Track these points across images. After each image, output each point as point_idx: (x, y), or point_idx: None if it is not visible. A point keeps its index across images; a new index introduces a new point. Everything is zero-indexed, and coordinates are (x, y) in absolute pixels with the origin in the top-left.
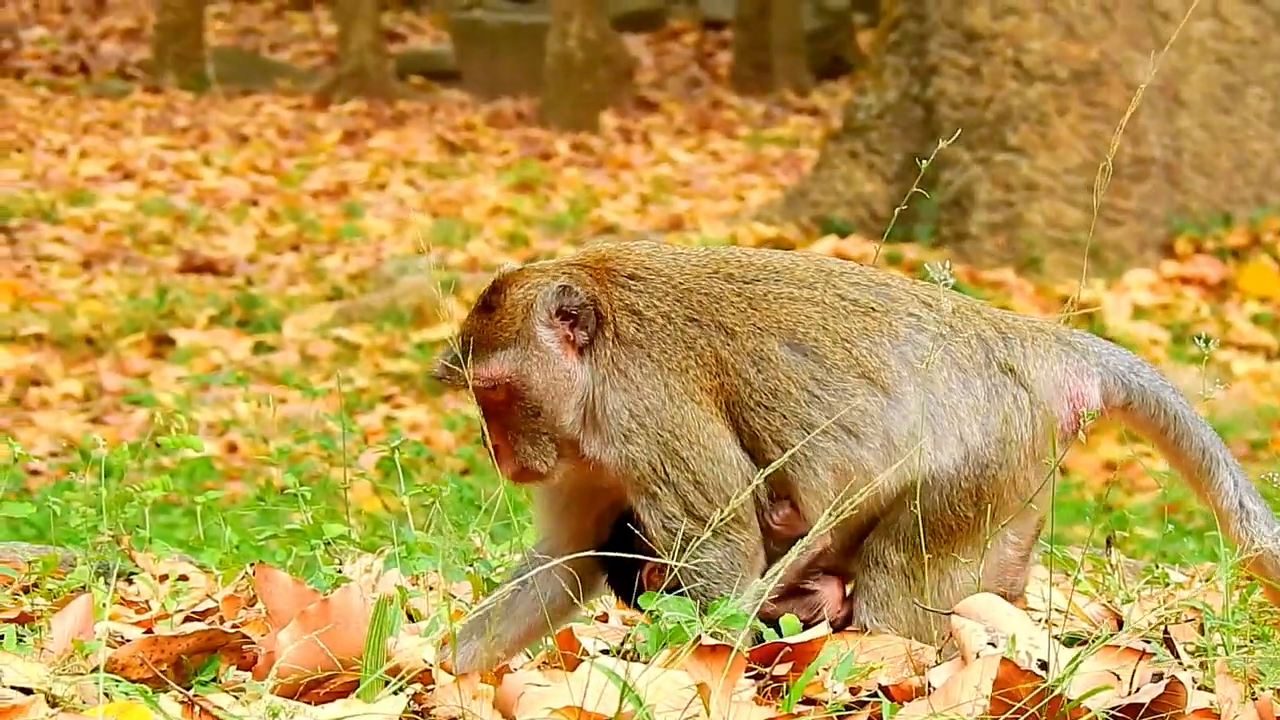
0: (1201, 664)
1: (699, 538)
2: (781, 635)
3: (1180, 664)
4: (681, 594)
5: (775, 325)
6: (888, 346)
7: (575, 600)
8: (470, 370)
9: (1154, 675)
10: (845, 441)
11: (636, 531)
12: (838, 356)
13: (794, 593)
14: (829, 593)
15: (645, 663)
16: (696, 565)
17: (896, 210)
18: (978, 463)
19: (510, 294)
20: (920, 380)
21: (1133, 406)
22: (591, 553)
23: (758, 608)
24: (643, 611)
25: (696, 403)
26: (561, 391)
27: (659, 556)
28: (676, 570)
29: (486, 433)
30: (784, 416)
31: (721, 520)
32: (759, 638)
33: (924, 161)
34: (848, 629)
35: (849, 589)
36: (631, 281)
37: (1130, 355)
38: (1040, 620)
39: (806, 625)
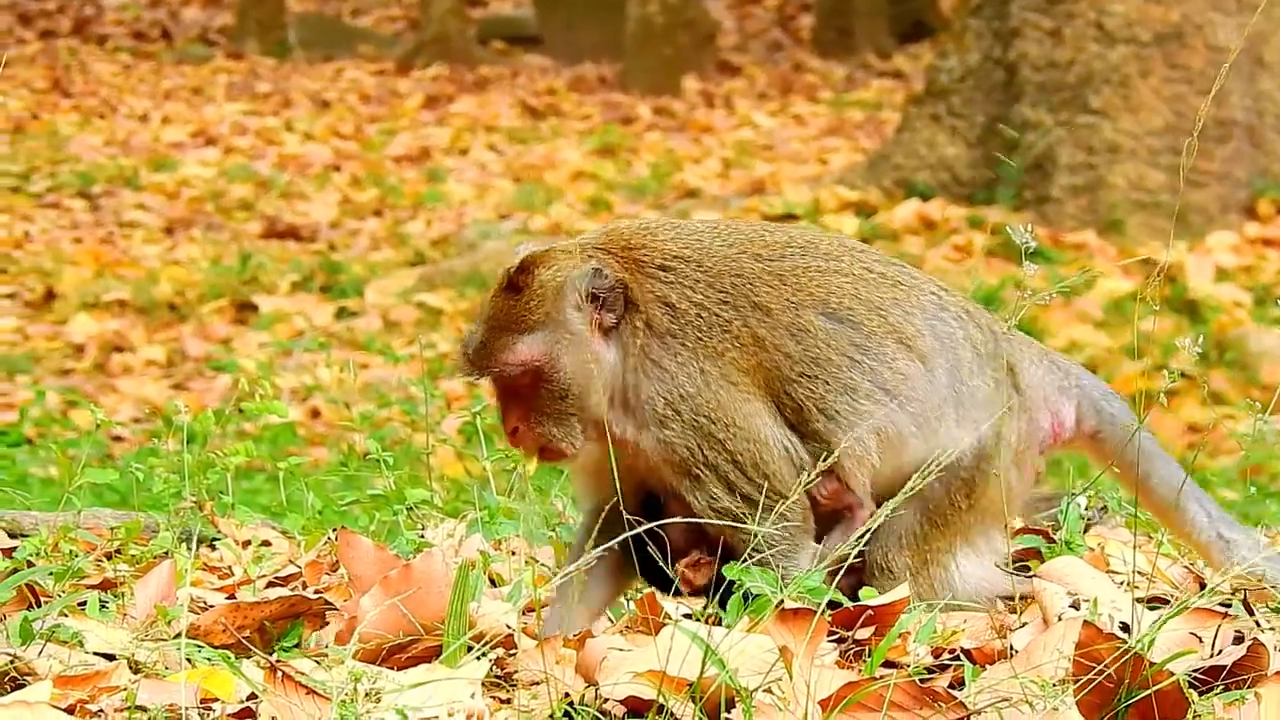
0: None
1: (753, 516)
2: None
3: (1258, 625)
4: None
5: (809, 297)
6: (920, 316)
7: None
8: (498, 356)
9: (1235, 637)
10: (887, 405)
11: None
12: (874, 324)
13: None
14: (863, 499)
15: (728, 627)
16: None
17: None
18: (980, 453)
19: (538, 275)
20: (949, 356)
21: (1102, 435)
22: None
23: (825, 565)
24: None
25: (733, 384)
26: (590, 374)
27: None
28: (729, 547)
29: (504, 415)
30: (826, 383)
31: (765, 499)
32: (832, 603)
33: (1004, 126)
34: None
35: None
36: (663, 273)
37: (1104, 384)
38: (1122, 583)
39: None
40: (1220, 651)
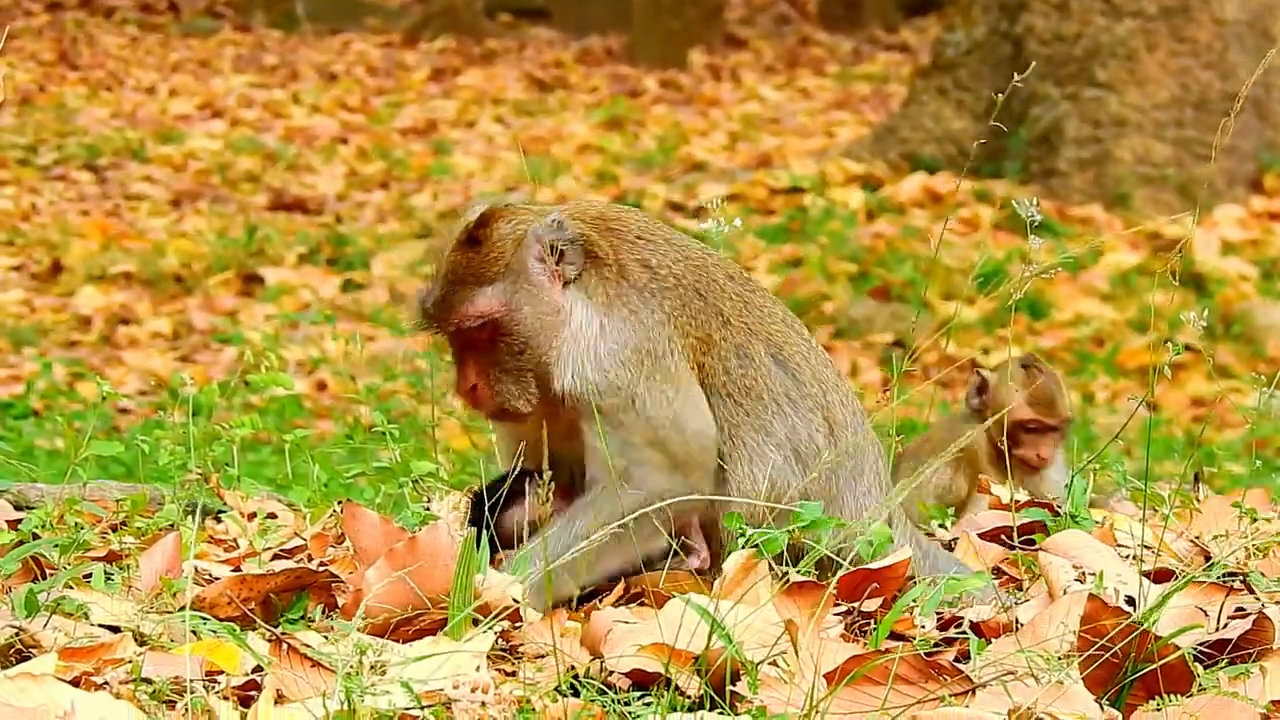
0: None
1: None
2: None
3: (1256, 598)
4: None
5: (765, 333)
6: (850, 410)
7: None
8: (458, 308)
9: (1240, 611)
10: (791, 463)
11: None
12: (813, 389)
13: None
14: (702, 548)
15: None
16: (640, 478)
17: (979, 144)
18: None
19: (498, 228)
20: (858, 460)
21: None
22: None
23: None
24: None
25: (691, 367)
26: (549, 326)
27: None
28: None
29: (461, 373)
30: (747, 414)
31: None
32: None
33: (1000, 95)
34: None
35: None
36: (641, 240)
37: (959, 561)
38: (1128, 556)
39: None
40: (1225, 625)
